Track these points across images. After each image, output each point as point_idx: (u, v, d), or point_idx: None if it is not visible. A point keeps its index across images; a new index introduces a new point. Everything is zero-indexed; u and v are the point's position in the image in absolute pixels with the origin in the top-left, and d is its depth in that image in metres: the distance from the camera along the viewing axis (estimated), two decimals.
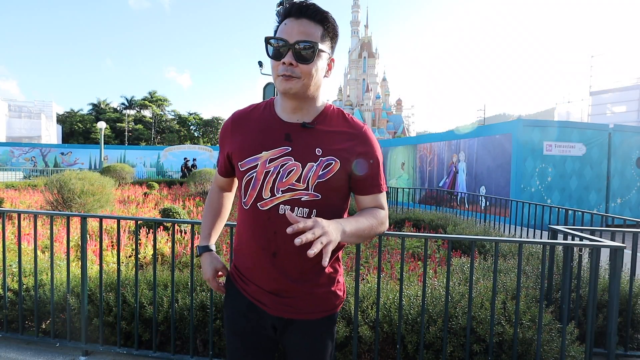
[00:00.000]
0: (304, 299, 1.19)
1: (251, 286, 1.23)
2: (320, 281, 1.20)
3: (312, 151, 1.14)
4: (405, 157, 14.84)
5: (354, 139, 1.17)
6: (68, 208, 6.67)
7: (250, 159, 1.17)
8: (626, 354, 2.65)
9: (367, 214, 1.20)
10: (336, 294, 1.25)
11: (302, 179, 1.12)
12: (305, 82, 1.11)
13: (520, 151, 9.39)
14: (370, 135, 1.21)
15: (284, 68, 1.08)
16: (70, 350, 2.63)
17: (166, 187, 14.66)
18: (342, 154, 1.15)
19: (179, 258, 4.22)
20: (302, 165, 1.13)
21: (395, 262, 4.28)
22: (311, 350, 1.24)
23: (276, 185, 1.14)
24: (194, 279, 2.45)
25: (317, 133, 1.16)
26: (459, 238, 4.32)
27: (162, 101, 59.61)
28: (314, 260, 1.15)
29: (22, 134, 35.43)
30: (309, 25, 1.09)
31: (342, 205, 1.22)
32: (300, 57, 1.07)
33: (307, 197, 1.13)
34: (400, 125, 52.71)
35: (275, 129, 1.17)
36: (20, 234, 2.73)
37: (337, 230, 1.01)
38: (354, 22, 55.38)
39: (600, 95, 23.52)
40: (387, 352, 2.37)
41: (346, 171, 1.16)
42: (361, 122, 1.22)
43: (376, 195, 1.23)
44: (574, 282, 2.59)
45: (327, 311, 1.23)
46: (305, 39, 1.07)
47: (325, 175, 1.13)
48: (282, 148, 1.15)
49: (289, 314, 1.20)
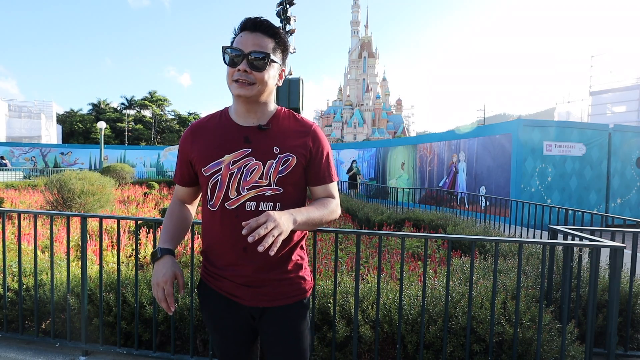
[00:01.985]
0: (275, 286, 1.28)
1: (225, 282, 1.30)
2: (288, 268, 1.30)
3: (270, 150, 1.26)
4: (405, 157, 14.84)
5: (305, 136, 1.30)
6: (68, 208, 6.68)
7: (213, 163, 1.26)
8: (626, 354, 2.65)
9: (319, 203, 1.31)
10: (304, 279, 1.34)
11: (264, 176, 1.25)
12: (259, 88, 1.23)
13: (520, 151, 9.39)
14: (320, 132, 1.35)
15: (239, 74, 1.21)
16: (70, 350, 2.63)
17: (166, 187, 14.67)
18: (297, 149, 1.28)
19: (179, 258, 4.22)
20: (263, 163, 1.25)
21: (395, 262, 4.28)
22: (288, 335, 1.31)
23: (241, 184, 1.25)
24: (193, 279, 2.45)
25: (273, 133, 1.28)
26: (459, 238, 4.32)
27: (162, 101, 59.62)
28: (281, 250, 1.26)
29: (22, 134, 35.43)
30: (262, 39, 1.22)
31: (300, 196, 1.34)
32: (253, 65, 1.20)
33: (271, 192, 1.25)
34: (400, 125, 52.71)
35: (234, 133, 1.28)
36: (20, 234, 2.73)
37: (288, 220, 1.13)
38: (354, 22, 55.38)
39: (600, 95, 23.51)
40: (387, 352, 2.37)
41: (301, 165, 1.29)
42: (310, 121, 1.36)
43: (327, 185, 1.35)
44: (574, 282, 2.59)
45: (298, 296, 1.32)
46: (258, 49, 1.21)
47: (285, 170, 1.26)
48: (242, 150, 1.26)
49: (264, 303, 1.29)
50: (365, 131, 69.65)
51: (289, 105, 9.28)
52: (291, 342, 1.32)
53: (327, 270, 3.68)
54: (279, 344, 1.31)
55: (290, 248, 1.30)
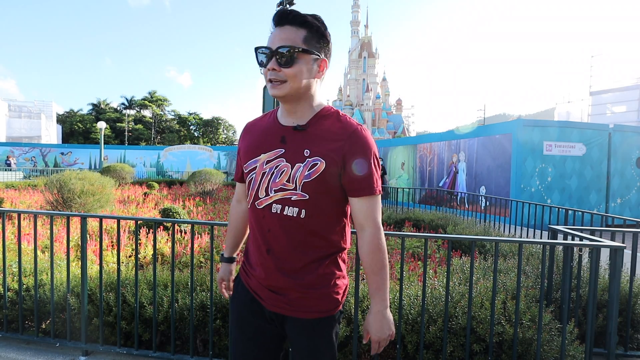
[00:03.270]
0: (296, 297, 1.22)
1: (253, 280, 1.30)
2: (313, 281, 1.21)
3: (301, 152, 1.18)
4: (405, 157, 14.83)
5: (343, 140, 1.17)
6: (68, 208, 6.67)
7: (251, 161, 1.25)
8: (626, 354, 2.65)
9: (367, 258, 1.23)
10: (331, 297, 1.23)
11: (291, 179, 1.17)
12: (291, 85, 1.15)
13: (520, 151, 9.39)
14: (361, 135, 1.18)
15: (271, 73, 1.15)
16: (70, 350, 2.63)
17: (166, 187, 14.66)
18: (329, 154, 1.16)
19: (179, 258, 4.21)
20: (291, 166, 1.18)
21: (395, 262, 4.28)
22: (307, 350, 1.25)
23: (270, 185, 1.20)
24: (194, 279, 2.45)
25: (309, 135, 1.19)
26: (459, 238, 4.32)
27: (162, 101, 59.58)
28: (306, 260, 1.20)
29: (22, 134, 35.38)
30: (290, 31, 1.13)
31: (333, 209, 1.22)
32: (281, 61, 1.13)
33: (296, 197, 1.17)
34: (400, 125, 52.65)
35: (274, 132, 1.25)
36: (20, 234, 2.73)
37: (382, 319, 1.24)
38: (354, 22, 55.33)
39: (600, 95, 23.52)
40: (387, 352, 2.37)
41: (333, 172, 1.16)
42: (355, 122, 1.21)
43: (366, 198, 1.20)
44: (574, 282, 2.59)
45: (321, 312, 1.23)
46: (284, 44, 1.12)
47: (311, 176, 1.15)
48: (277, 150, 1.21)
49: (284, 311, 1.24)
50: None
51: None
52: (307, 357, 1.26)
53: None
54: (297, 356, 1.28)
55: (318, 260, 1.21)
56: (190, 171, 21.57)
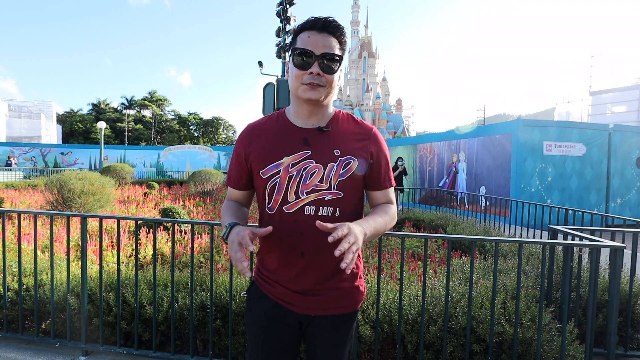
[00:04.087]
0: (329, 296, 1.25)
1: (277, 288, 1.27)
2: (344, 276, 1.26)
3: (331, 152, 1.22)
4: (405, 157, 14.83)
5: (366, 139, 1.27)
6: (68, 208, 6.67)
7: (271, 165, 1.23)
8: (626, 354, 2.65)
9: (381, 211, 1.28)
10: (359, 289, 1.31)
11: (325, 179, 1.21)
12: (328, 90, 1.21)
13: (520, 151, 9.39)
14: (380, 136, 1.32)
15: (311, 77, 1.18)
16: (70, 350, 2.63)
17: (166, 187, 14.66)
18: (359, 152, 1.24)
19: (179, 258, 4.22)
20: (323, 166, 1.21)
21: (395, 262, 4.28)
22: (334, 345, 1.29)
23: (300, 187, 1.21)
24: (194, 279, 2.45)
25: (333, 136, 1.25)
26: (459, 238, 4.32)
27: (162, 101, 59.60)
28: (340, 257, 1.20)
29: (22, 134, 35.38)
30: (330, 39, 1.19)
31: (360, 201, 1.31)
32: (325, 68, 1.18)
33: (331, 196, 1.21)
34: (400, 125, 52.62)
35: (293, 135, 1.25)
36: (20, 234, 2.73)
37: (361, 234, 1.10)
38: (354, 22, 55.33)
39: (600, 95, 23.51)
40: (387, 352, 2.37)
41: (362, 169, 1.25)
42: (370, 124, 1.32)
43: (386, 190, 1.33)
44: (574, 282, 2.59)
45: (350, 306, 1.29)
46: (330, 52, 1.18)
47: (346, 174, 1.22)
48: (302, 152, 1.22)
49: (315, 311, 1.26)
50: None
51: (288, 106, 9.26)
52: (334, 350, 1.30)
53: None
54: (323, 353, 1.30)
55: None
56: (190, 171, 21.58)
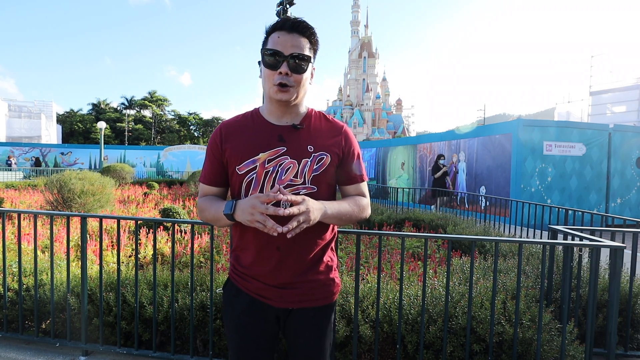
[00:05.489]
0: (306, 288, 1.28)
1: (253, 283, 1.29)
2: (320, 269, 1.30)
3: (304, 148, 1.26)
4: (405, 157, 14.83)
5: (337, 136, 1.33)
6: (68, 208, 6.67)
7: (248, 161, 1.26)
8: (626, 354, 2.65)
9: (350, 200, 1.34)
10: (334, 281, 1.35)
11: (299, 174, 1.25)
12: (298, 89, 1.25)
13: (520, 151, 9.39)
14: (350, 132, 1.39)
15: (280, 77, 1.21)
16: (70, 350, 2.63)
17: (166, 187, 14.66)
18: (331, 149, 1.30)
19: (179, 258, 4.21)
20: (298, 162, 1.25)
21: (395, 262, 4.28)
22: (314, 337, 1.33)
23: (276, 182, 1.24)
24: (194, 278, 2.45)
25: (306, 133, 1.30)
26: (459, 238, 4.32)
27: (162, 101, 59.63)
28: (315, 250, 1.28)
29: (22, 134, 35.36)
30: (300, 39, 1.22)
31: (332, 196, 1.37)
32: (294, 67, 1.21)
33: (305, 191, 1.25)
34: (400, 125, 52.64)
35: (268, 132, 1.28)
36: (20, 234, 2.73)
37: (319, 210, 1.17)
38: (354, 22, 55.33)
39: (600, 95, 23.49)
40: (387, 352, 2.37)
41: (334, 164, 1.31)
42: (340, 121, 1.38)
43: (358, 184, 1.38)
44: (574, 282, 2.59)
45: (327, 298, 1.33)
46: (299, 52, 1.21)
47: (319, 169, 1.27)
48: (277, 148, 1.26)
49: (293, 304, 1.29)
50: (365, 131, 69.69)
51: None
52: (315, 342, 1.33)
53: None
54: (303, 345, 1.33)
55: (322, 248, 1.31)
56: (190, 171, 21.59)
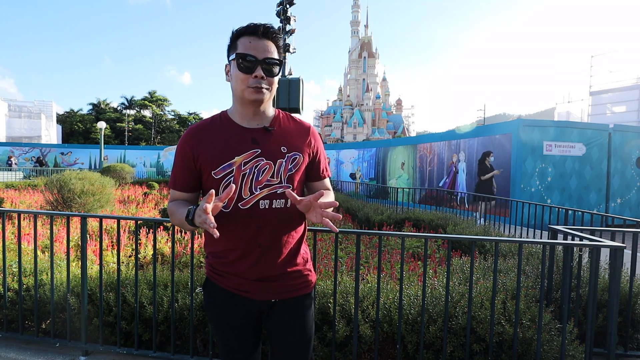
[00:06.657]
0: (286, 280, 1.35)
1: (235, 279, 1.33)
2: (297, 261, 1.37)
3: (278, 150, 1.32)
4: (405, 157, 14.84)
5: (307, 136, 1.40)
6: (68, 208, 6.67)
7: (224, 165, 1.28)
8: (626, 354, 2.65)
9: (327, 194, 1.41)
10: (311, 271, 1.43)
11: (276, 174, 1.31)
12: (271, 92, 1.31)
13: (520, 151, 9.39)
14: (316, 132, 1.47)
15: (255, 80, 1.26)
16: (70, 350, 2.63)
17: (166, 187, 14.66)
18: (303, 148, 1.37)
19: (179, 258, 4.22)
20: (273, 162, 1.30)
21: (395, 262, 4.28)
22: (297, 326, 1.38)
23: (253, 184, 1.29)
24: (194, 278, 2.45)
25: (278, 134, 1.35)
26: (459, 238, 4.32)
27: (162, 101, 59.63)
28: (292, 244, 1.36)
29: (22, 134, 35.35)
30: (270, 44, 1.28)
31: (302, 191, 1.45)
32: (268, 71, 1.27)
33: (282, 189, 1.31)
34: (400, 125, 52.66)
35: (241, 135, 1.32)
36: (20, 234, 2.73)
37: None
38: (354, 22, 55.35)
39: (600, 95, 23.48)
40: (387, 352, 2.37)
41: (306, 163, 1.38)
42: (306, 122, 1.46)
43: (325, 180, 1.47)
44: (574, 282, 2.59)
45: (306, 288, 1.40)
46: (271, 56, 1.28)
47: (294, 168, 1.34)
48: (252, 151, 1.30)
49: (275, 296, 1.34)
50: (365, 131, 69.67)
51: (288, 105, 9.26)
52: (299, 332, 1.38)
53: (327, 270, 3.68)
54: (288, 335, 1.37)
55: (298, 241, 1.38)
56: None
